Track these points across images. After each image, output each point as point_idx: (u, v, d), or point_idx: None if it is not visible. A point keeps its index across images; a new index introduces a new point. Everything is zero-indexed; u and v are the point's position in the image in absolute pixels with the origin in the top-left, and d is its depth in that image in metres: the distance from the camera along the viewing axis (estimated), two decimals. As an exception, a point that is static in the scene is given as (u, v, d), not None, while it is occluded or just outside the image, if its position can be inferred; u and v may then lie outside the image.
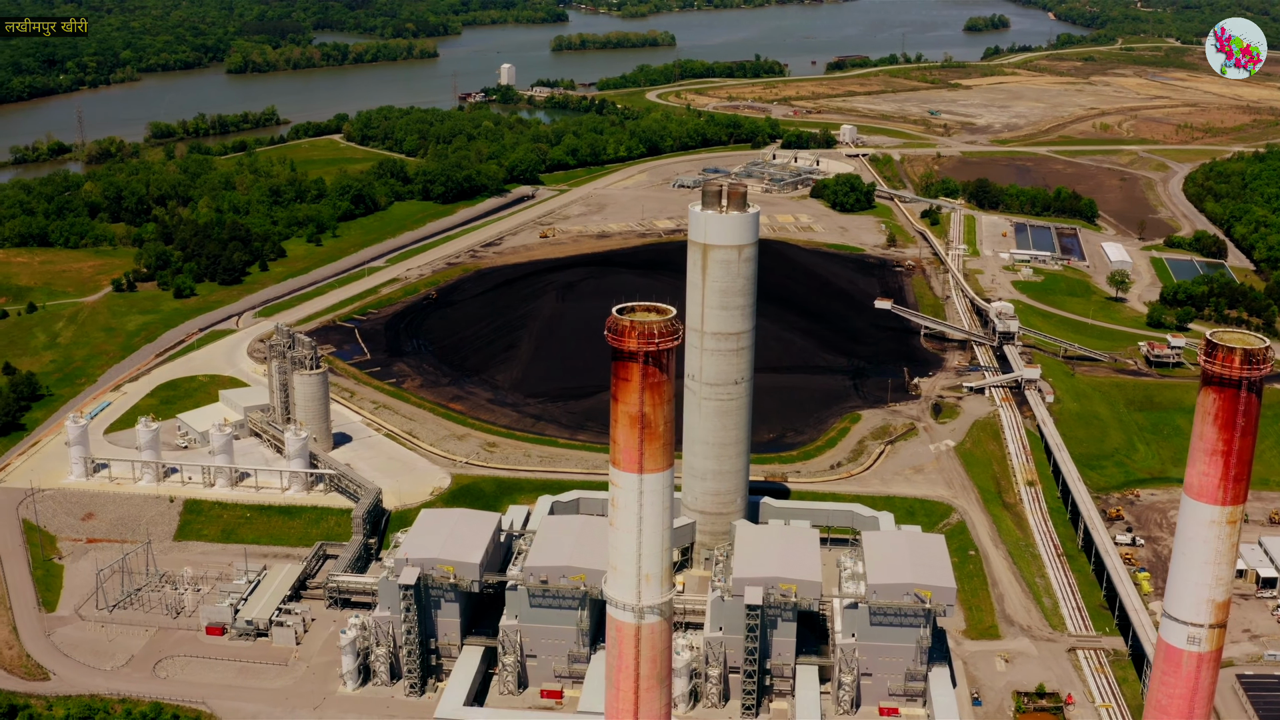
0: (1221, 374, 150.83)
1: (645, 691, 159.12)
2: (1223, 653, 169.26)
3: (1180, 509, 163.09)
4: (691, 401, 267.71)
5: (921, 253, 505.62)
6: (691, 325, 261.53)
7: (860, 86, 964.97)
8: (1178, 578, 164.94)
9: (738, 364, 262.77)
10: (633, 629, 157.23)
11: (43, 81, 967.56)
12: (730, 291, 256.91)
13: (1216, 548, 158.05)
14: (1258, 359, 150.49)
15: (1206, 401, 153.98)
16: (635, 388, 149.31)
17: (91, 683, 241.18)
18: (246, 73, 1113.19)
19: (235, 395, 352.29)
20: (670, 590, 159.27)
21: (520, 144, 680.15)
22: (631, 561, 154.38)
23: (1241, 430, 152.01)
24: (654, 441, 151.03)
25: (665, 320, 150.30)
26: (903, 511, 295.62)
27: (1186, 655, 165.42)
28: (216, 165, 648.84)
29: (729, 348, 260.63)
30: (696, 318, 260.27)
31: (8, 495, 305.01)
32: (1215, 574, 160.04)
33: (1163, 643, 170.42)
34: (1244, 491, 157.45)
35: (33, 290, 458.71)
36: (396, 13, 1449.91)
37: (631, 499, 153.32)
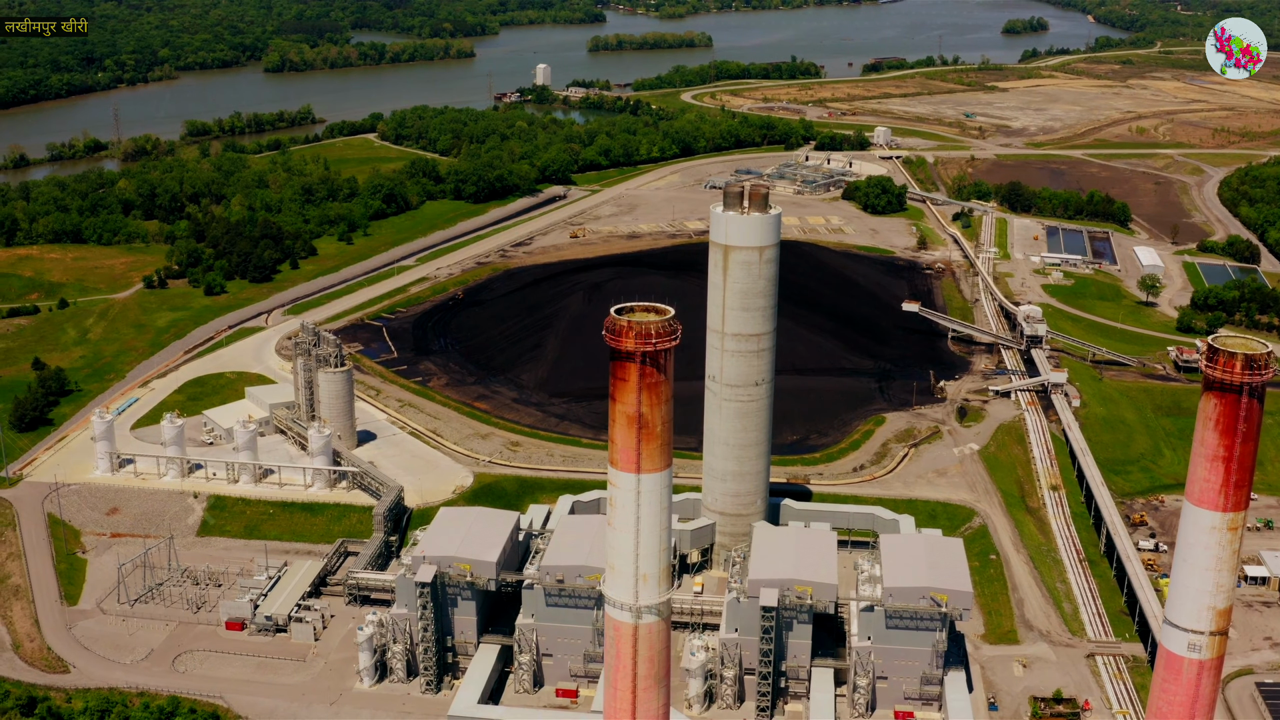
0: (1223, 379, 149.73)
1: (643, 691, 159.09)
2: (1224, 661, 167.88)
3: (1181, 515, 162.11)
4: (712, 403, 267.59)
5: (951, 255, 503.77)
6: (712, 326, 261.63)
7: (896, 89, 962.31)
8: (1178, 584, 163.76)
9: (758, 365, 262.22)
10: (630, 629, 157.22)
11: (81, 79, 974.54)
12: (751, 293, 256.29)
13: (1217, 554, 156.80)
14: (1259, 364, 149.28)
15: (1208, 407, 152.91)
16: (633, 388, 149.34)
17: (111, 676, 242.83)
18: (284, 72, 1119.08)
19: (261, 392, 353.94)
20: (668, 590, 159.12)
21: (553, 144, 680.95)
22: (629, 561, 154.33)
23: (1243, 436, 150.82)
24: (651, 441, 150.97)
25: (663, 321, 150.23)
26: (925, 515, 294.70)
27: (1187, 662, 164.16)
28: (250, 163, 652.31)
29: (750, 349, 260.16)
30: (717, 319, 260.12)
31: (34, 490, 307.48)
32: (1216, 581, 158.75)
33: (1163, 649, 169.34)
34: (1245, 498, 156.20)
35: (65, 286, 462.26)
36: (434, 12, 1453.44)
37: (629, 499, 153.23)
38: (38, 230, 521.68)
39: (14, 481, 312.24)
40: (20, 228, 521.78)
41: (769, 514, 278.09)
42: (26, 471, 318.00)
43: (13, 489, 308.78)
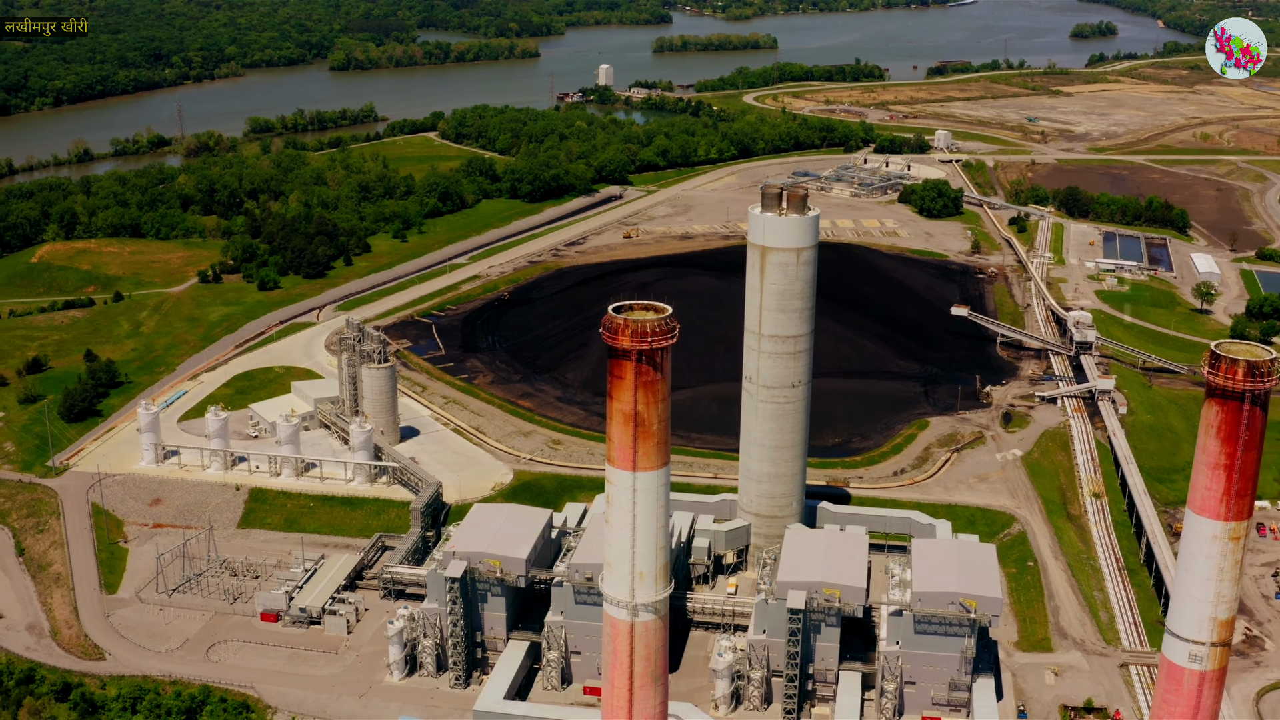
0: (1224, 386, 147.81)
1: (639, 689, 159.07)
2: (1227, 672, 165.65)
3: (1183, 523, 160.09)
4: (748, 404, 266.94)
5: (1005, 260, 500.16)
6: (750, 328, 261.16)
7: (960, 92, 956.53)
8: (1179, 594, 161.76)
9: (795, 367, 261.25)
10: (627, 626, 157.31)
11: (148, 76, 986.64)
12: (788, 294, 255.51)
13: (1219, 564, 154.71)
14: (1262, 371, 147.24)
15: (1210, 414, 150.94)
16: (629, 385, 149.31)
17: (145, 664, 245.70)
18: (349, 70, 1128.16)
19: (307, 387, 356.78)
20: (665, 589, 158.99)
21: (611, 144, 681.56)
22: (626, 559, 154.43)
23: (1245, 444, 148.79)
24: (648, 440, 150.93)
25: (659, 319, 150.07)
26: (963, 520, 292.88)
27: (1188, 673, 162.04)
28: (309, 160, 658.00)
29: (786, 350, 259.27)
30: (754, 320, 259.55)
31: (79, 479, 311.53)
32: (1218, 591, 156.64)
33: (1165, 660, 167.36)
34: (1248, 507, 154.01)
35: (121, 280, 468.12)
36: (501, 12, 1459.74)
37: (625, 496, 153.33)
38: (97, 224, 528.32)
39: (60, 471, 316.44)
40: (80, 221, 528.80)
41: (805, 516, 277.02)
42: (73, 461, 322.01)
43: (59, 478, 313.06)
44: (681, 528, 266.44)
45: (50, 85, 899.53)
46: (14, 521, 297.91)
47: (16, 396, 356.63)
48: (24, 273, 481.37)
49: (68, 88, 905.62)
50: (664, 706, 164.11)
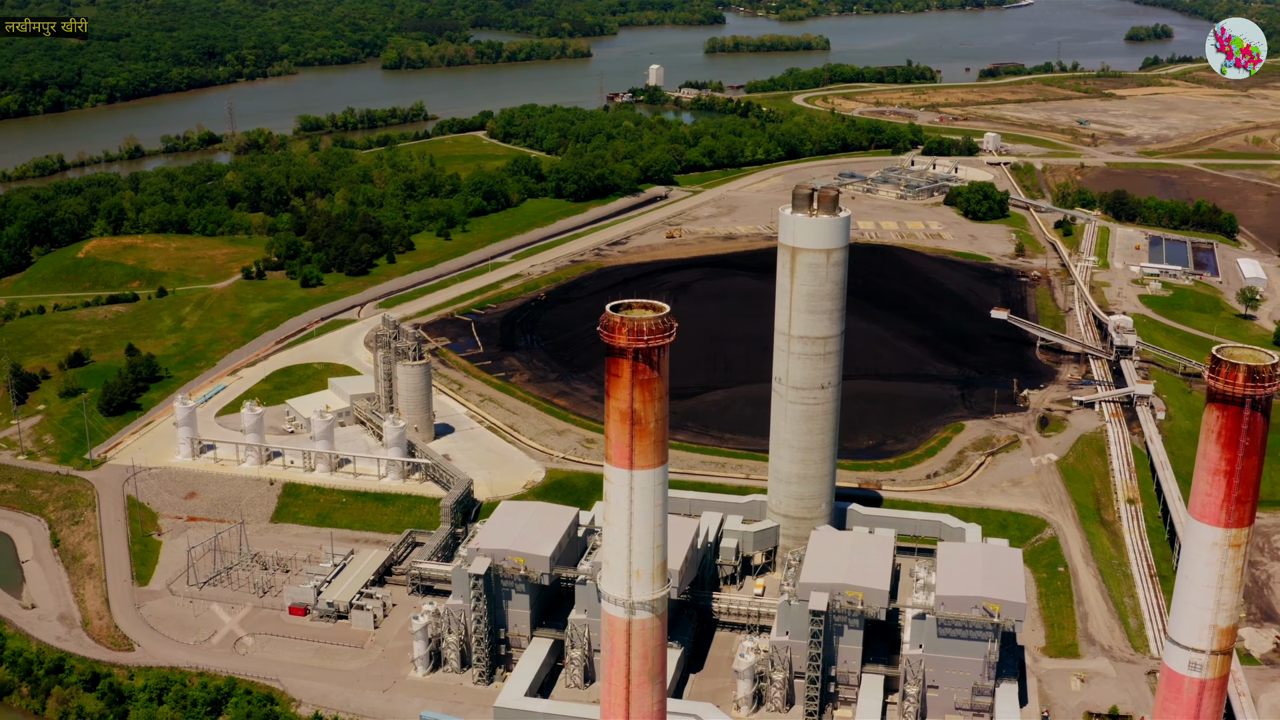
0: (1225, 391, 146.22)
1: (636, 688, 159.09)
2: (1228, 680, 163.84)
3: (1185, 530, 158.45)
4: (778, 405, 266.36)
5: (1049, 263, 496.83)
6: (779, 328, 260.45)
7: (1011, 94, 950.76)
8: (1180, 600, 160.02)
9: (825, 369, 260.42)
10: (624, 624, 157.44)
11: (201, 73, 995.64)
12: (818, 295, 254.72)
13: (1219, 571, 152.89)
14: (1263, 376, 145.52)
15: (1210, 419, 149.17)
16: (625, 384, 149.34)
17: (173, 655, 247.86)
18: (401, 69, 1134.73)
19: (343, 383, 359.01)
20: (663, 588, 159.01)
21: (658, 144, 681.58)
22: (623, 557, 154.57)
23: (1245, 450, 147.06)
24: (644, 438, 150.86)
25: (656, 318, 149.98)
26: (995, 524, 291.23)
27: (1188, 681, 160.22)
28: (357, 159, 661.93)
29: (816, 352, 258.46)
30: (784, 321, 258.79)
31: (115, 472, 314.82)
32: (1218, 598, 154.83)
33: (1165, 667, 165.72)
34: (1249, 514, 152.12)
35: (165, 275, 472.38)
36: (554, 12, 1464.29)
37: (622, 495, 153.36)
38: (144, 220, 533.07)
39: (98, 464, 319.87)
40: (127, 217, 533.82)
41: (835, 518, 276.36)
42: (111, 455, 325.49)
43: (95, 471, 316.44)
44: (709, 528, 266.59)
45: (104, 82, 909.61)
46: (50, 513, 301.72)
47: (57, 390, 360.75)
48: (70, 267, 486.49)
49: (121, 85, 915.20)
50: (662, 705, 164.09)
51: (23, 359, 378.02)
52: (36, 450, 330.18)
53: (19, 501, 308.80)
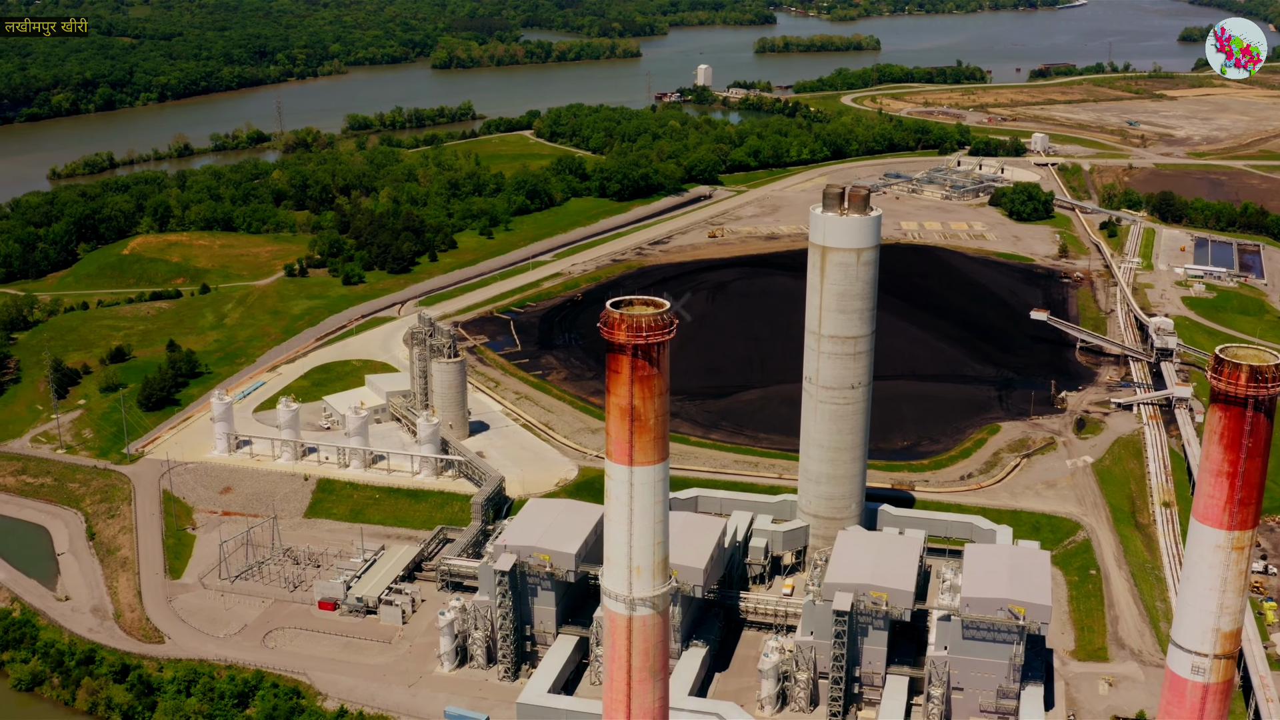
0: (1227, 391, 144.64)
1: (638, 684, 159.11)
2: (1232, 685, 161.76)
3: (1188, 532, 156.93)
4: (808, 404, 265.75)
5: (1092, 265, 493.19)
6: (810, 328, 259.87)
7: (1061, 95, 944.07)
8: (1183, 604, 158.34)
9: (855, 368, 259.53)
10: (624, 620, 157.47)
11: (251, 72, 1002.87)
12: (848, 295, 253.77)
13: (1222, 574, 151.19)
14: (1266, 377, 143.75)
15: (1213, 420, 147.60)
16: (625, 380, 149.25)
17: (203, 648, 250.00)
18: (451, 68, 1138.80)
19: (380, 380, 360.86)
20: (664, 585, 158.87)
21: (703, 144, 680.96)
22: (623, 553, 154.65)
23: (1249, 451, 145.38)
24: (644, 434, 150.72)
25: (656, 314, 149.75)
26: (1028, 527, 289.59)
27: (1191, 685, 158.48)
28: (402, 157, 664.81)
29: (846, 351, 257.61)
30: (815, 320, 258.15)
31: (152, 467, 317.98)
32: (1221, 602, 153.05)
33: (1168, 671, 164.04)
34: (1252, 516, 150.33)
35: (209, 272, 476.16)
36: (605, 12, 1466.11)
37: (622, 491, 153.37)
38: (190, 217, 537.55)
39: (135, 458, 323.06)
40: (173, 214, 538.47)
41: (866, 519, 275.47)
42: (148, 449, 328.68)
43: (133, 465, 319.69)
44: (738, 527, 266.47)
45: (155, 81, 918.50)
46: (87, 506, 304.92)
47: (98, 385, 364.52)
48: (115, 264, 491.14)
49: (172, 84, 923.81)
50: (664, 702, 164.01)
51: (65, 354, 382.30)
52: (75, 444, 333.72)
53: (57, 495, 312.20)
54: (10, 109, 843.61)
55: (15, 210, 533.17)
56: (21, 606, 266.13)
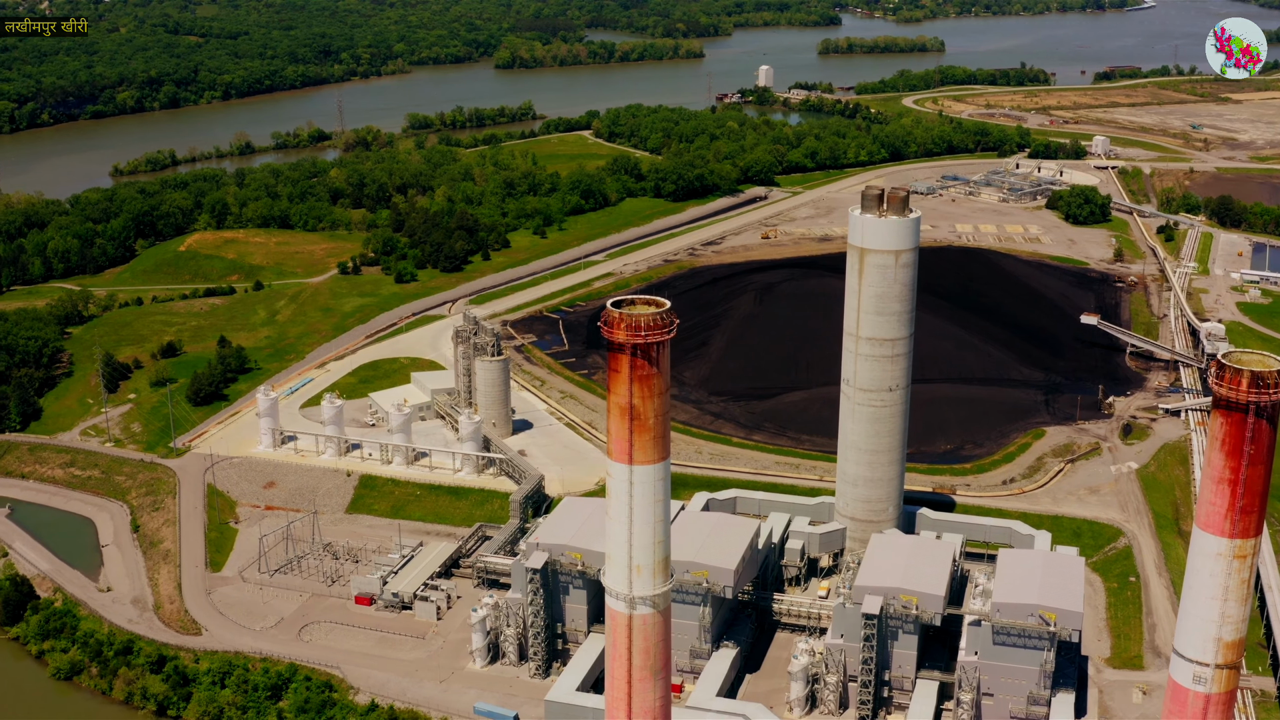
0: (1229, 397, 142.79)
1: (638, 683, 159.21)
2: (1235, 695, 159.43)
3: (1190, 540, 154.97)
4: (846, 406, 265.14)
5: (1147, 269, 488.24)
6: (848, 329, 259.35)
7: (1125, 98, 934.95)
8: (1185, 612, 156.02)
9: (892, 371, 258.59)
10: (625, 619, 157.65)
11: (315, 71, 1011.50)
12: (886, 297, 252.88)
13: (1224, 583, 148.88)
14: (1268, 383, 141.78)
15: (1215, 426, 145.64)
16: (624, 379, 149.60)
17: (239, 640, 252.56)
18: (514, 68, 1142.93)
19: (425, 378, 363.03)
20: (665, 584, 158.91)
21: (760, 145, 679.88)
22: (623, 551, 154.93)
23: (1250, 458, 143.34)
24: (644, 434, 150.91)
25: (656, 314, 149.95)
26: (1069, 532, 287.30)
27: (1192, 695, 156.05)
28: (460, 157, 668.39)
29: (884, 354, 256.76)
30: (853, 322, 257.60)
31: (198, 461, 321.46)
32: (1222, 611, 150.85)
33: (1171, 680, 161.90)
34: (1254, 524, 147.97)
35: (264, 269, 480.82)
36: (669, 13, 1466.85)
37: (622, 490, 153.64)
38: (247, 215, 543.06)
39: (181, 452, 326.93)
40: (231, 212, 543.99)
41: (904, 522, 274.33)
42: (195, 444, 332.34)
43: (179, 459, 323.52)
44: (773, 529, 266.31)
45: (219, 79, 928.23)
46: (133, 499, 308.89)
47: (149, 379, 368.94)
48: (172, 260, 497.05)
49: (236, 82, 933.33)
50: (665, 701, 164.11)
51: (117, 349, 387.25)
52: (124, 438, 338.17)
53: (103, 487, 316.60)
54: (75, 106, 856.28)
55: (75, 206, 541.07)
56: (64, 597, 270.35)
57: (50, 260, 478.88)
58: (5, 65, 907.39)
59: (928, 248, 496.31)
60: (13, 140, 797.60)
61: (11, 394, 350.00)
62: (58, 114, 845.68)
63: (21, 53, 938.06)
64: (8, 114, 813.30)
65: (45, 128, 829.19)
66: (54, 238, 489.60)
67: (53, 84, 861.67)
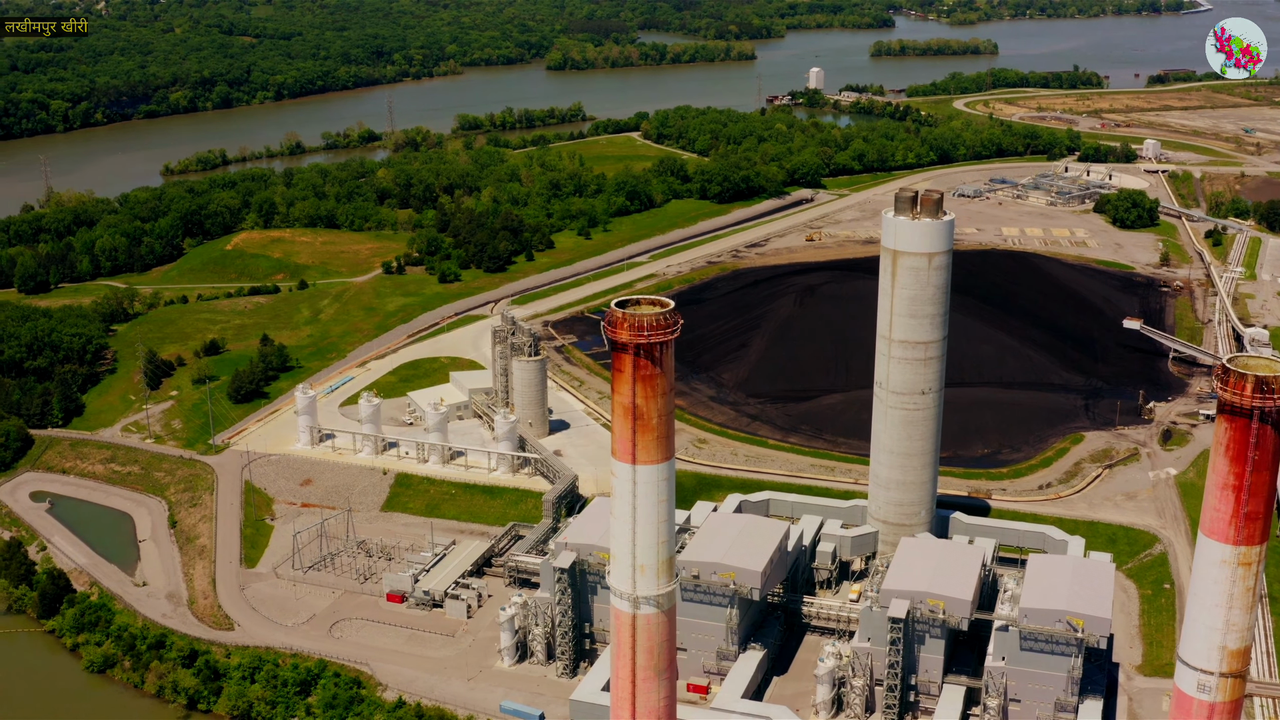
0: (1233, 402, 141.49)
1: (642, 682, 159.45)
2: (1241, 705, 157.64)
3: (1196, 546, 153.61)
4: (879, 409, 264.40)
5: (1193, 274, 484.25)
6: (880, 332, 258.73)
7: (1178, 101, 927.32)
8: (1190, 620, 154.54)
9: (925, 374, 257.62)
10: (629, 618, 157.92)
11: (368, 72, 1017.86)
12: (919, 300, 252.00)
13: (1228, 590, 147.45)
14: (1272, 388, 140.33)
15: (1220, 432, 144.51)
16: (627, 379, 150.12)
17: (270, 636, 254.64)
18: (565, 70, 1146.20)
19: (464, 377, 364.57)
20: (669, 584, 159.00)
21: (808, 147, 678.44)
22: (627, 551, 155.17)
23: (1254, 464, 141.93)
24: (646, 433, 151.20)
25: (659, 314, 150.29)
26: (1104, 538, 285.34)
27: (1196, 704, 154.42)
28: (507, 157, 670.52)
29: (916, 357, 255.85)
30: (885, 325, 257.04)
31: (236, 458, 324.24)
32: (1227, 618, 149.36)
33: (1175, 688, 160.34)
34: (1259, 532, 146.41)
35: (309, 269, 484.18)
36: (722, 15, 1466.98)
37: (626, 489, 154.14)
38: (294, 214, 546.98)
39: (220, 449, 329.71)
40: (278, 211, 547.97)
41: (937, 526, 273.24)
42: (234, 441, 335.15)
43: (218, 456, 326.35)
44: (804, 531, 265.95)
45: (272, 80, 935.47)
46: (171, 495, 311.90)
47: (191, 377, 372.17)
48: (218, 259, 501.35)
49: (288, 83, 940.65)
50: (670, 701, 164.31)
51: (161, 347, 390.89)
52: (164, 434, 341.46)
53: (143, 483, 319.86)
54: (129, 105, 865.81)
55: (124, 205, 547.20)
56: (100, 591, 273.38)
57: (98, 258, 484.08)
58: (60, 65, 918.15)
59: (971, 251, 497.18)
60: (66, 139, 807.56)
61: (54, 390, 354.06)
62: (111, 113, 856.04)
63: (77, 52, 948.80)
64: (62, 113, 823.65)
65: (98, 127, 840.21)
66: (102, 236, 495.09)
67: (106, 84, 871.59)
